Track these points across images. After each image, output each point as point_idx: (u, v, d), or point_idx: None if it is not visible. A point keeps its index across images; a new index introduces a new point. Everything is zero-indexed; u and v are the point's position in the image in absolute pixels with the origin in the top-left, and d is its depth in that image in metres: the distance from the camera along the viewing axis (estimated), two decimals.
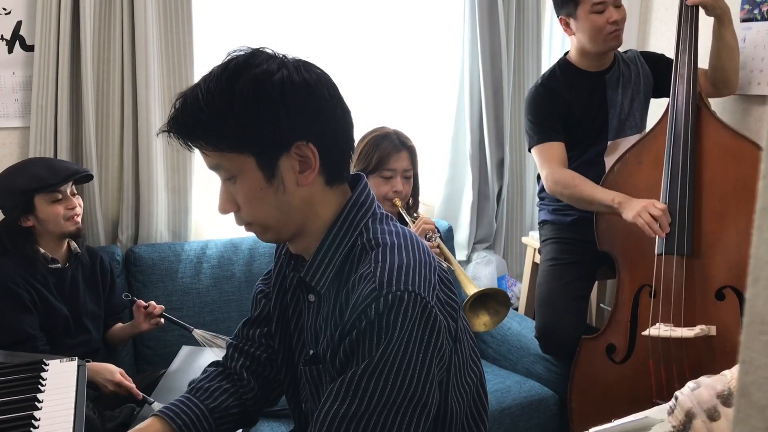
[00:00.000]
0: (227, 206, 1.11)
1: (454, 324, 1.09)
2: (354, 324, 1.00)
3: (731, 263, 2.08)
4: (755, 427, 0.40)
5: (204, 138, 1.05)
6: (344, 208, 1.12)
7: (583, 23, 2.31)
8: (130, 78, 2.33)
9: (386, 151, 2.09)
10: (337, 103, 1.10)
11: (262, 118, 1.03)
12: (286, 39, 2.58)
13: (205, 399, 1.28)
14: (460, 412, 1.14)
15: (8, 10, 2.22)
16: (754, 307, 0.40)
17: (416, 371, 0.99)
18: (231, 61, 1.06)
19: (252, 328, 1.35)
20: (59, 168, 2.00)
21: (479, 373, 1.21)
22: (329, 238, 1.10)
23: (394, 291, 0.99)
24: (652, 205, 2.11)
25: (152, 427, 1.22)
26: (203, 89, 1.04)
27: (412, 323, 0.99)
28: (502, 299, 2.10)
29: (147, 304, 2.08)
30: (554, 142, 2.37)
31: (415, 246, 1.09)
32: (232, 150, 1.04)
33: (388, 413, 0.99)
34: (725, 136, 2.11)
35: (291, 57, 1.09)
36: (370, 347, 0.99)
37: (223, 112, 1.02)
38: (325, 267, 1.10)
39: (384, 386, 0.98)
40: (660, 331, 2.11)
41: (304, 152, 1.06)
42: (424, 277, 1.04)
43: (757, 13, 2.50)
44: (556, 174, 2.34)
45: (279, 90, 1.03)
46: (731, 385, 1.09)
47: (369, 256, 1.06)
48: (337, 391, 1.00)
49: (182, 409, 1.25)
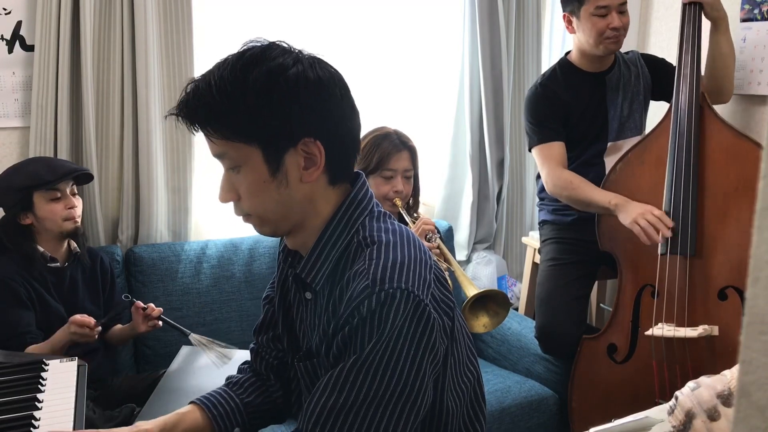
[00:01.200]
0: (228, 195, 1.11)
1: (449, 322, 1.09)
2: (347, 320, 1.01)
3: (734, 263, 2.08)
4: (755, 427, 0.40)
5: (212, 124, 1.04)
6: (341, 205, 1.12)
7: (585, 24, 2.31)
8: (130, 78, 2.33)
9: (387, 151, 2.09)
10: (347, 103, 1.10)
11: (273, 110, 1.03)
12: (286, 39, 2.57)
13: (240, 393, 1.33)
14: (456, 412, 1.14)
15: (8, 10, 2.22)
16: (754, 307, 0.40)
17: (406, 367, 1.00)
18: (247, 51, 1.06)
19: (261, 334, 1.36)
20: (58, 166, 2.01)
21: (476, 373, 1.21)
22: (326, 236, 1.10)
23: (387, 288, 0.99)
24: (649, 212, 2.11)
25: (191, 414, 1.27)
26: (216, 75, 1.04)
27: (404, 320, 0.99)
28: (501, 301, 2.10)
29: (145, 306, 2.07)
30: (554, 142, 2.38)
31: (411, 244, 1.09)
32: (239, 139, 1.04)
33: (376, 407, 0.99)
34: (728, 135, 2.11)
35: (306, 53, 1.09)
36: (361, 342, 0.99)
37: (235, 100, 1.02)
38: (321, 264, 1.10)
39: (372, 380, 0.99)
40: (663, 331, 2.11)
41: (311, 149, 1.06)
42: (419, 274, 1.04)
43: (757, 13, 2.50)
44: (555, 175, 2.34)
45: (293, 85, 1.03)
46: (731, 385, 1.09)
47: (364, 253, 1.06)
48: (326, 384, 1.01)
49: (219, 400, 1.30)
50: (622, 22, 2.29)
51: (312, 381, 1.16)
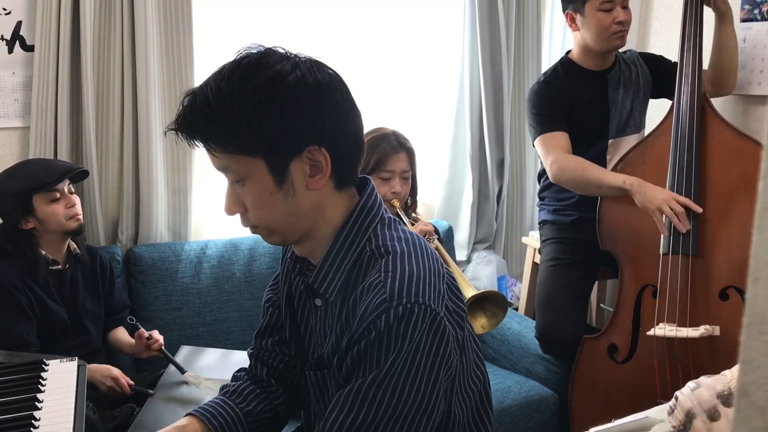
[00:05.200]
0: (234, 208, 1.08)
1: (461, 332, 1.09)
2: (363, 334, 0.99)
3: (735, 263, 2.08)
4: (755, 427, 0.40)
5: (213, 139, 1.02)
6: (352, 213, 1.09)
7: (590, 20, 2.31)
8: (130, 78, 2.33)
9: (385, 152, 2.09)
10: (349, 106, 1.07)
11: (275, 120, 1.00)
12: (286, 39, 2.56)
13: (239, 402, 1.29)
14: (462, 417, 1.14)
15: (8, 10, 2.22)
16: (754, 307, 0.40)
17: (423, 382, 0.99)
18: (243, 60, 1.03)
19: (265, 338, 1.33)
20: (54, 167, 1.99)
21: (483, 378, 1.20)
22: (337, 245, 1.08)
23: (405, 303, 0.98)
24: (673, 199, 2.06)
25: (190, 426, 1.23)
26: (214, 88, 1.01)
27: (421, 335, 0.98)
28: (500, 302, 2.10)
29: (149, 335, 2.05)
30: (558, 132, 2.35)
31: (424, 253, 1.08)
32: (242, 152, 1.02)
33: (394, 424, 0.98)
34: (730, 135, 2.11)
35: (303, 57, 1.06)
36: (378, 358, 0.98)
37: (235, 113, 0.99)
38: (333, 274, 1.08)
39: (391, 397, 0.98)
40: (665, 331, 2.10)
41: (316, 156, 1.03)
42: (434, 287, 1.03)
43: (757, 13, 2.50)
44: (561, 160, 2.29)
45: (293, 92, 1.00)
46: (731, 385, 1.09)
47: (378, 263, 1.04)
48: (344, 401, 1.00)
49: (219, 411, 1.26)
50: (626, 16, 2.30)
51: (321, 391, 1.15)
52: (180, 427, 1.22)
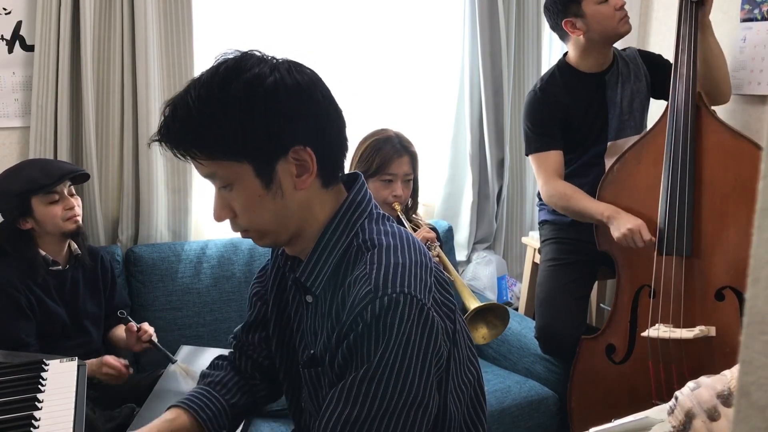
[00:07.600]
0: (223, 214, 1.09)
1: (451, 325, 1.09)
2: (351, 327, 1.00)
3: (731, 263, 2.08)
4: (755, 427, 0.40)
5: (197, 147, 1.02)
6: (340, 208, 1.10)
7: (592, 17, 2.32)
8: (130, 78, 2.33)
9: (388, 156, 2.08)
10: (329, 104, 1.08)
11: (257, 124, 1.00)
12: (286, 39, 2.58)
13: (225, 394, 1.31)
14: (457, 414, 1.14)
15: (8, 10, 2.22)
16: (754, 307, 0.40)
17: (415, 373, 0.99)
18: (220, 66, 1.03)
19: (251, 332, 1.34)
20: (53, 168, 1.99)
21: (476, 374, 1.20)
22: (324, 239, 1.09)
23: (390, 293, 0.98)
24: (638, 233, 2.12)
25: (179, 419, 1.24)
26: (194, 95, 1.01)
27: (409, 326, 0.99)
28: (501, 313, 2.09)
29: (138, 327, 2.05)
30: (551, 151, 2.39)
31: (412, 246, 1.08)
32: (227, 158, 1.02)
33: (390, 417, 0.98)
34: (725, 135, 2.11)
35: (280, 58, 1.07)
36: (368, 351, 0.98)
37: (217, 119, 1.00)
38: (321, 267, 1.09)
39: (385, 390, 0.98)
40: (660, 332, 2.11)
41: (302, 156, 1.04)
42: (420, 278, 1.03)
43: (757, 13, 2.50)
44: (550, 186, 2.37)
45: (273, 94, 1.01)
46: (731, 385, 1.09)
47: (365, 257, 1.05)
48: (338, 397, 1.00)
49: (205, 402, 1.27)
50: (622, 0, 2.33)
51: (315, 389, 1.15)
52: (169, 420, 1.23)
